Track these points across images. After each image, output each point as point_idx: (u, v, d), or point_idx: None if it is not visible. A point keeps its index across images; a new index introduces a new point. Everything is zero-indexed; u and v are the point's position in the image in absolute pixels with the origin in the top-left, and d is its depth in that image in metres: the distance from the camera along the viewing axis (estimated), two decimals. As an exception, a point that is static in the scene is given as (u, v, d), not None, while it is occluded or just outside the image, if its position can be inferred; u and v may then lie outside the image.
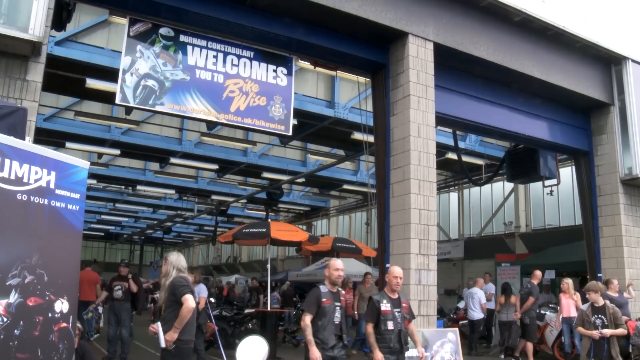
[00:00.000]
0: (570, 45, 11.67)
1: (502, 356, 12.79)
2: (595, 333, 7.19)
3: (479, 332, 13.95)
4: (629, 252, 12.02)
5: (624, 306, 10.61)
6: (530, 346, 11.73)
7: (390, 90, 9.89)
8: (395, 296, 6.31)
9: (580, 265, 13.86)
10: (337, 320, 5.92)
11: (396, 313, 6.18)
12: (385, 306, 6.15)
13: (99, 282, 13.18)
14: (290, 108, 9.58)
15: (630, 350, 9.57)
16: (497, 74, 11.01)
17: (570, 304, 11.40)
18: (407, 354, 6.30)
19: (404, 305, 6.33)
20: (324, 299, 5.86)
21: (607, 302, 7.52)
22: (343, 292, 6.59)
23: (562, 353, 11.86)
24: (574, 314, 11.12)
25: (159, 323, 5.56)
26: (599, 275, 12.21)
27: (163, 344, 5.44)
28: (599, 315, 7.30)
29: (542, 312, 13.03)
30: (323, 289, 5.98)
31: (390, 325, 6.09)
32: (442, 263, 19.19)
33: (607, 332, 7.14)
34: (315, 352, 5.59)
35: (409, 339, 6.36)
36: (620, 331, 7.22)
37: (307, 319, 5.80)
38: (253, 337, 2.00)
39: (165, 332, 5.40)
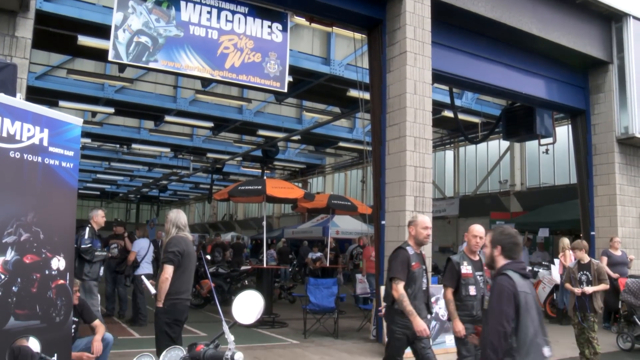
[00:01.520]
0: (570, 1, 11.51)
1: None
2: (577, 290, 7.42)
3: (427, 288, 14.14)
4: (622, 210, 12.13)
5: (623, 265, 10.78)
6: None
7: (387, 47, 9.79)
8: (476, 258, 5.58)
9: (574, 224, 13.98)
10: (424, 287, 5.31)
11: (478, 277, 5.47)
12: (465, 269, 5.44)
13: None
14: (286, 64, 9.47)
15: (620, 306, 9.78)
16: (495, 31, 10.88)
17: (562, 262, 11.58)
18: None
19: (485, 268, 5.39)
20: (413, 263, 5.13)
21: (592, 259, 7.73)
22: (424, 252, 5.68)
23: (553, 310, 12.11)
24: None
25: (142, 276, 5.73)
26: (592, 233, 12.35)
27: (152, 290, 5.63)
28: (584, 272, 7.53)
29: (535, 269, 13.22)
30: (410, 250, 5.21)
31: (472, 290, 5.38)
32: (437, 221, 19.36)
33: (589, 289, 7.36)
34: (421, 323, 4.94)
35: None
36: (602, 287, 7.41)
37: (401, 287, 5.04)
38: (249, 292, 2.03)
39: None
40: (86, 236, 8.12)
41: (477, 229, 5.57)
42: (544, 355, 3.40)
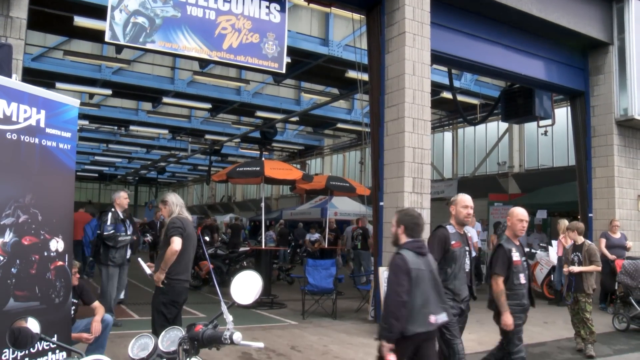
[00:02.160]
0: (571, -19, 11.41)
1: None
2: (565, 269, 7.65)
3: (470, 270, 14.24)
4: (620, 192, 12.14)
5: (621, 247, 10.83)
6: None
7: (385, 28, 9.71)
8: (518, 243, 5.32)
9: (572, 206, 14.02)
10: (467, 268, 5.14)
11: (524, 263, 5.26)
12: (515, 256, 5.14)
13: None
14: (284, 45, 9.40)
15: (617, 287, 9.85)
16: (494, 11, 10.79)
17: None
18: None
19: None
20: (453, 242, 4.94)
21: (586, 241, 7.80)
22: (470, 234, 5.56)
23: (550, 291, 12.19)
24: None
25: (139, 258, 5.78)
26: (590, 215, 12.38)
27: (148, 271, 5.67)
28: (577, 253, 7.64)
29: (533, 251, 13.30)
30: (450, 229, 5.04)
31: (522, 278, 5.15)
32: (435, 202, 19.34)
33: (575, 269, 7.47)
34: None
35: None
36: (590, 268, 7.47)
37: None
38: (247, 272, 2.03)
39: (157, 268, 5.56)
40: (108, 222, 8.19)
41: (522, 212, 5.26)
42: (430, 322, 4.00)
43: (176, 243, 5.46)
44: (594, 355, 7.22)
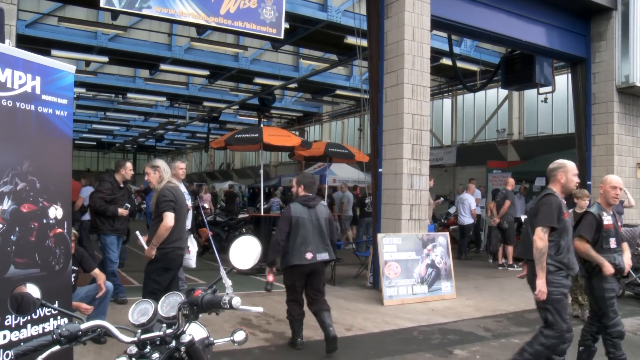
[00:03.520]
0: (574, -56, 11.21)
1: (491, 260, 13.23)
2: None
3: (468, 237, 14.35)
4: (619, 160, 12.14)
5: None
6: (510, 249, 12.20)
7: (385, -8, 9.58)
8: (611, 212, 5.12)
9: (571, 173, 14.00)
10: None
11: (616, 228, 5.06)
12: (607, 220, 4.96)
13: None
14: (282, 10, 9.27)
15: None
16: (496, -25, 10.63)
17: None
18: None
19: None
20: (564, 211, 4.57)
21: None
22: None
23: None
24: None
25: (137, 232, 5.79)
26: (589, 183, 12.39)
27: (145, 246, 5.71)
28: None
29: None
30: (559, 197, 4.63)
31: (612, 242, 4.95)
32: (434, 169, 19.38)
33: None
34: (543, 284, 4.40)
35: None
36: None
37: (546, 237, 4.45)
38: (246, 237, 2.03)
39: (150, 240, 5.59)
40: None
41: (616, 179, 5.08)
42: (306, 257, 5.65)
43: (169, 219, 5.42)
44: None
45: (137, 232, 5.92)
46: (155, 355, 1.95)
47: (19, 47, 3.82)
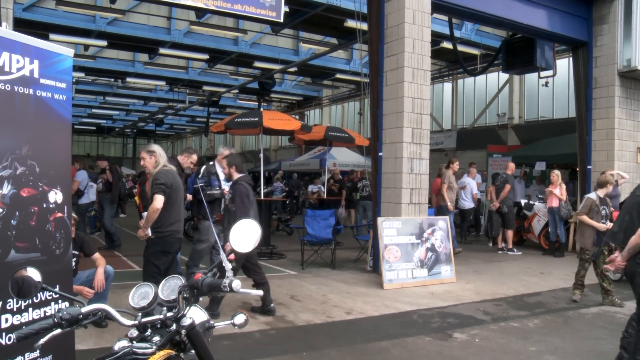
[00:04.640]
0: None
1: (491, 244, 13.26)
2: (602, 226, 7.23)
3: (469, 221, 14.36)
4: (619, 144, 12.12)
5: (616, 198, 10.89)
6: (510, 233, 12.20)
7: (386, -25, 9.49)
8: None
9: (571, 157, 14.01)
10: None
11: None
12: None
13: None
14: (282, -6, 9.21)
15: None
16: (498, -43, 10.53)
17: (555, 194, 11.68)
18: None
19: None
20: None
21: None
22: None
23: (547, 242, 12.30)
24: (556, 204, 11.57)
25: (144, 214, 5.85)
26: (589, 167, 12.40)
27: (150, 235, 5.71)
28: (603, 207, 7.40)
29: (531, 202, 13.37)
30: None
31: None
32: (435, 153, 19.34)
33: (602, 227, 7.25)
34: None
35: None
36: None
37: None
38: (246, 220, 2.03)
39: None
40: (200, 175, 8.28)
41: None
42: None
43: (158, 201, 5.46)
44: (623, 303, 7.30)
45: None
46: (156, 338, 1.96)
47: (16, 31, 3.79)
